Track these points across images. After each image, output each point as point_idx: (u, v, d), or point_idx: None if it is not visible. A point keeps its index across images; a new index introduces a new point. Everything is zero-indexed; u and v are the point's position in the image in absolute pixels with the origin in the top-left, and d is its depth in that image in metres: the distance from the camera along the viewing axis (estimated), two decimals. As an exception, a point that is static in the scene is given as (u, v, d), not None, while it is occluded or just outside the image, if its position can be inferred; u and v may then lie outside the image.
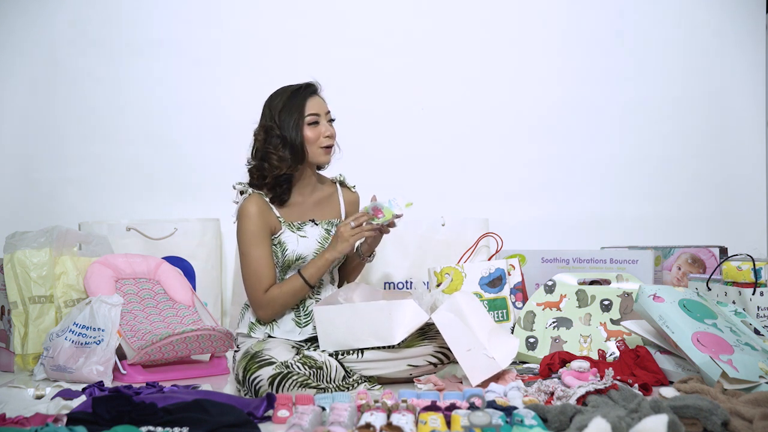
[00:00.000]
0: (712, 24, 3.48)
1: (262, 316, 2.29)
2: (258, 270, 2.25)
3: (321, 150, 2.31)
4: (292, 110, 2.29)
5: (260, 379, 2.00)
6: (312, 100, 2.31)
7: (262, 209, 2.28)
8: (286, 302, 2.27)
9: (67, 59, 3.29)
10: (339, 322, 2.14)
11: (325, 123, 2.32)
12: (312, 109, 2.30)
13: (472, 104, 3.40)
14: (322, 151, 2.31)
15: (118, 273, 2.51)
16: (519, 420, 1.55)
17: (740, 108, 3.50)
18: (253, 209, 2.27)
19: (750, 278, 2.33)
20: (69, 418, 1.59)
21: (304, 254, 2.30)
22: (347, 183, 2.48)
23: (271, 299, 2.25)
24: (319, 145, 2.30)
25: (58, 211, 3.20)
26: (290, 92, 2.31)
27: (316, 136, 2.29)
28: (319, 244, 2.32)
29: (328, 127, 2.32)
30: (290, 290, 2.25)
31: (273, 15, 3.36)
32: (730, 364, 1.91)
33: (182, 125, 3.31)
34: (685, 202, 3.45)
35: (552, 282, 2.54)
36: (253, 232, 2.26)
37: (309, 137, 2.29)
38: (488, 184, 3.38)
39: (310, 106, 2.30)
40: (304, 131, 2.28)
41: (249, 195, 2.29)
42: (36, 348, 2.41)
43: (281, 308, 2.28)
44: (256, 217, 2.26)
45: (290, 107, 2.29)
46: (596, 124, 3.45)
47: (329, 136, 2.31)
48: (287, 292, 2.25)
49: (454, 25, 3.42)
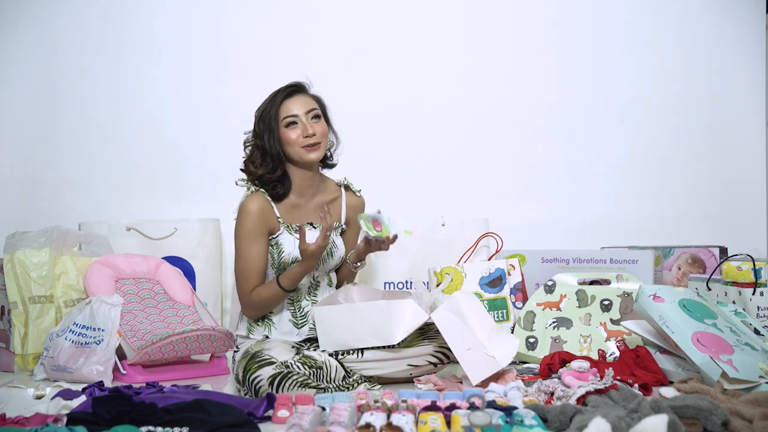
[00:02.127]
0: (712, 24, 3.48)
1: (246, 314, 2.29)
2: (247, 269, 2.24)
3: (303, 150, 2.26)
4: (268, 117, 2.26)
5: (260, 378, 2.00)
6: (289, 100, 2.27)
7: (264, 208, 2.25)
8: (265, 305, 2.26)
9: (67, 59, 3.29)
10: (339, 322, 2.13)
11: (305, 121, 2.26)
12: (288, 111, 2.26)
13: (472, 104, 3.40)
14: (305, 151, 2.26)
15: (118, 273, 2.51)
16: (519, 420, 1.55)
17: (740, 108, 3.50)
18: (254, 207, 2.24)
19: (750, 278, 2.33)
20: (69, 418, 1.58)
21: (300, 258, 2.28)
22: (353, 187, 2.43)
23: (253, 300, 2.25)
24: (300, 145, 2.25)
25: (58, 211, 3.20)
26: (270, 97, 2.29)
27: (296, 137, 2.25)
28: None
29: (308, 125, 2.26)
30: (269, 295, 2.23)
31: (273, 15, 3.36)
32: (730, 364, 1.91)
33: (182, 125, 3.31)
34: (685, 202, 3.45)
35: (552, 282, 2.54)
36: (249, 230, 2.24)
37: (288, 139, 2.25)
38: (488, 184, 3.39)
39: (286, 108, 2.26)
40: (281, 134, 2.25)
41: (252, 192, 2.27)
42: (36, 348, 2.41)
43: (262, 310, 2.27)
44: (255, 216, 2.24)
45: (268, 112, 2.27)
46: (596, 124, 3.45)
47: (308, 135, 2.25)
48: (266, 297, 2.24)
49: (453, 25, 3.42)
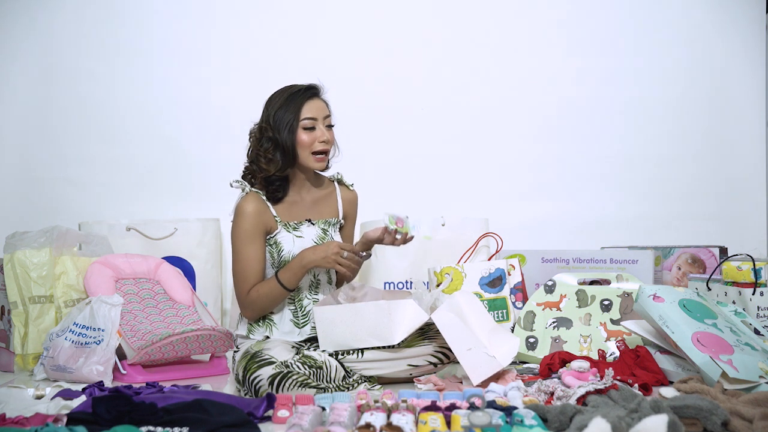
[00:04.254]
0: (713, 24, 3.48)
1: (245, 315, 2.28)
2: (245, 270, 2.23)
3: (313, 156, 2.25)
4: (288, 112, 2.23)
5: (260, 378, 2.00)
6: (311, 102, 2.25)
7: (259, 209, 2.24)
8: (264, 305, 2.24)
9: (67, 59, 3.29)
10: (339, 322, 2.13)
11: (322, 128, 2.25)
12: (309, 112, 2.24)
13: (472, 104, 3.40)
14: (314, 158, 2.25)
15: (118, 273, 2.51)
16: (519, 420, 1.55)
17: (740, 108, 3.50)
18: (250, 208, 2.23)
19: (750, 278, 2.33)
20: (69, 418, 1.58)
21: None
22: (345, 181, 2.43)
23: (251, 299, 2.23)
24: (312, 150, 2.24)
25: (58, 211, 3.20)
26: (289, 93, 2.26)
27: (311, 141, 2.23)
28: (315, 243, 2.29)
29: (324, 132, 2.25)
30: (268, 293, 2.22)
31: (274, 15, 3.36)
32: (730, 364, 1.91)
33: (182, 125, 3.31)
34: (685, 202, 3.45)
35: (552, 282, 2.54)
36: (246, 231, 2.23)
37: (302, 141, 2.23)
38: (488, 184, 3.39)
39: (307, 109, 2.24)
40: (298, 134, 2.23)
41: (247, 193, 2.26)
42: (36, 348, 2.40)
43: (261, 310, 2.25)
44: (251, 217, 2.23)
45: (286, 109, 2.24)
46: (596, 124, 3.45)
47: (324, 141, 2.25)
48: (266, 295, 2.22)
49: (453, 26, 3.42)
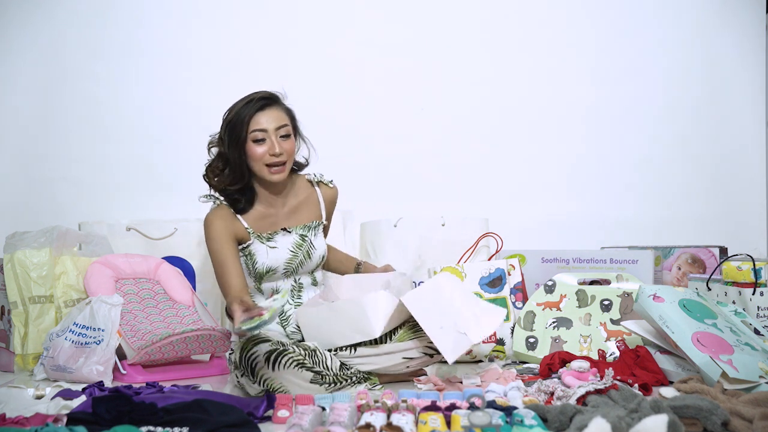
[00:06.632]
0: (712, 24, 3.48)
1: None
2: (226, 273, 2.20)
3: (267, 168, 2.19)
4: (236, 125, 2.17)
5: (257, 354, 1.96)
6: (261, 114, 2.17)
7: (226, 221, 2.22)
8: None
9: (67, 59, 3.29)
10: (321, 321, 2.13)
11: (273, 139, 2.17)
12: (258, 124, 2.16)
13: (473, 104, 3.41)
14: (268, 170, 2.19)
15: (118, 273, 2.51)
16: (519, 420, 1.55)
17: (740, 108, 3.50)
18: (216, 219, 2.21)
19: (750, 278, 2.33)
20: (69, 418, 1.58)
21: (274, 266, 2.26)
22: (325, 180, 2.39)
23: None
24: (264, 162, 2.18)
25: (58, 211, 3.20)
26: (240, 105, 2.19)
27: (262, 154, 2.17)
28: (291, 252, 2.28)
29: (276, 144, 2.17)
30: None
31: (274, 15, 3.36)
32: (730, 364, 1.91)
33: (182, 125, 3.31)
34: (685, 202, 3.45)
35: (552, 282, 2.54)
36: (217, 236, 2.20)
37: (254, 154, 2.17)
38: (488, 184, 3.39)
39: (256, 122, 2.16)
40: (248, 148, 2.17)
41: (214, 207, 2.25)
42: (36, 348, 2.40)
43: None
44: (219, 223, 2.21)
45: (236, 122, 2.17)
46: (596, 124, 3.45)
47: (275, 154, 2.17)
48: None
49: (453, 26, 3.42)
